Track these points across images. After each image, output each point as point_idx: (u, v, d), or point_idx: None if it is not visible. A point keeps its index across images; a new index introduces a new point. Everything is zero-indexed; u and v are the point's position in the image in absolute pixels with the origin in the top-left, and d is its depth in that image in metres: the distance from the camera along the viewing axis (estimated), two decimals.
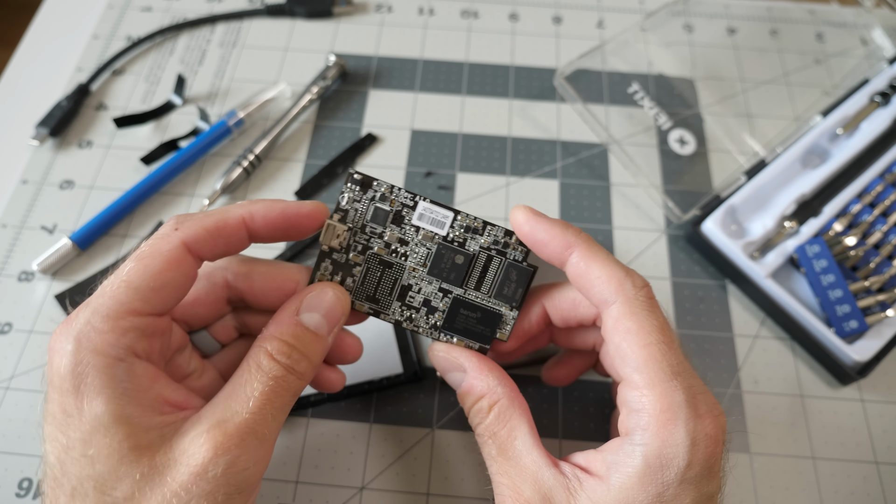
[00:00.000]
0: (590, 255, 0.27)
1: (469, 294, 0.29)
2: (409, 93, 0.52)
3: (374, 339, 0.40)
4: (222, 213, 0.27)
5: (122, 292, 0.25)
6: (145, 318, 0.25)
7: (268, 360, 0.26)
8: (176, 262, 0.26)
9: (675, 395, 0.24)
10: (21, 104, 0.51)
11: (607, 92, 0.52)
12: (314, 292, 0.28)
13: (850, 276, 0.42)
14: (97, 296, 0.25)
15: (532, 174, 0.48)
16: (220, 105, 0.51)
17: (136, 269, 0.25)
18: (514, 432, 0.27)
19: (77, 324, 0.24)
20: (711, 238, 0.44)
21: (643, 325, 0.26)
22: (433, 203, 0.29)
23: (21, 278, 0.43)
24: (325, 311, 0.28)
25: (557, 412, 0.39)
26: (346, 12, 0.56)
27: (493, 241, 0.29)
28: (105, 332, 0.24)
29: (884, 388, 0.40)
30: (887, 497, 0.37)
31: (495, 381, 0.28)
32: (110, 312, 0.24)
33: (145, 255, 0.25)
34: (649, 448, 0.24)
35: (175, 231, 0.26)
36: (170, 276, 0.25)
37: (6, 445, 0.37)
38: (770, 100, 0.52)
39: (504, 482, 0.27)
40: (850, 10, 0.57)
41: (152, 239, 0.26)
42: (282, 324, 0.27)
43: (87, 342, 0.24)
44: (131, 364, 0.24)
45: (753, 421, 0.39)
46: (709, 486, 0.25)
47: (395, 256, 0.29)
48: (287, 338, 0.27)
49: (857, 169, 0.46)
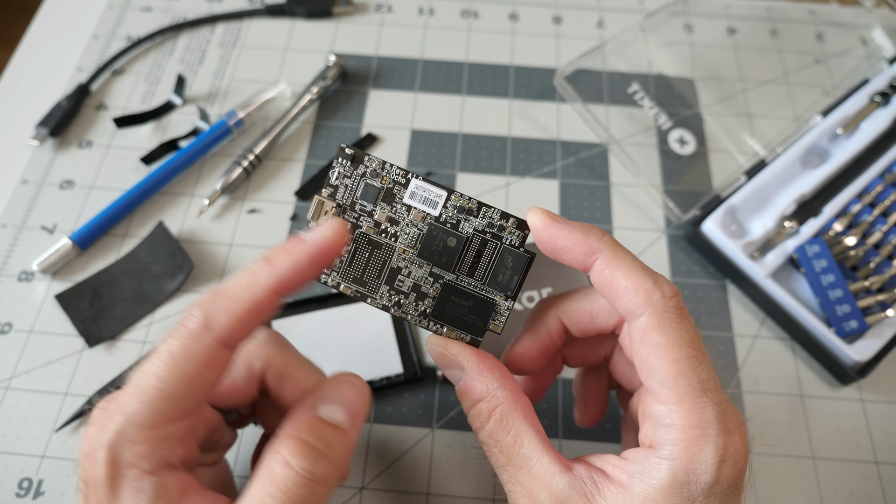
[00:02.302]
0: (615, 262, 0.26)
1: (461, 280, 0.28)
2: (409, 93, 0.52)
3: (374, 339, 0.40)
4: (249, 294, 0.24)
5: (157, 400, 0.23)
6: (182, 421, 0.24)
7: (281, 468, 0.23)
8: (212, 363, 0.24)
9: (704, 412, 0.24)
10: (21, 104, 0.51)
11: (607, 92, 0.52)
12: (331, 384, 0.27)
13: (850, 276, 0.42)
14: (130, 399, 0.23)
15: (532, 174, 0.48)
16: (220, 105, 0.51)
17: (170, 375, 0.23)
18: (520, 438, 0.26)
19: (110, 431, 0.23)
20: (711, 238, 0.44)
21: (672, 340, 0.25)
22: (426, 181, 0.27)
23: (21, 278, 0.43)
24: (345, 403, 0.26)
25: (557, 412, 0.39)
26: (346, 12, 0.56)
27: (489, 223, 0.27)
28: (139, 442, 0.23)
29: (884, 388, 0.40)
30: (887, 497, 0.37)
31: (495, 384, 0.27)
32: (146, 422, 0.23)
33: (178, 359, 0.23)
34: (677, 463, 0.24)
35: (207, 330, 0.23)
36: (208, 378, 0.24)
37: (6, 445, 0.37)
38: (770, 100, 0.52)
39: (518, 490, 0.26)
40: (850, 10, 0.57)
41: (183, 336, 0.23)
42: (297, 420, 0.25)
43: (119, 453, 0.23)
44: (163, 479, 0.23)
45: (753, 421, 0.39)
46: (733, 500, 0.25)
47: (384, 237, 0.27)
48: (304, 435, 0.24)
49: (857, 169, 0.46)
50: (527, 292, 0.40)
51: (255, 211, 0.46)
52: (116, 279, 0.43)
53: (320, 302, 0.41)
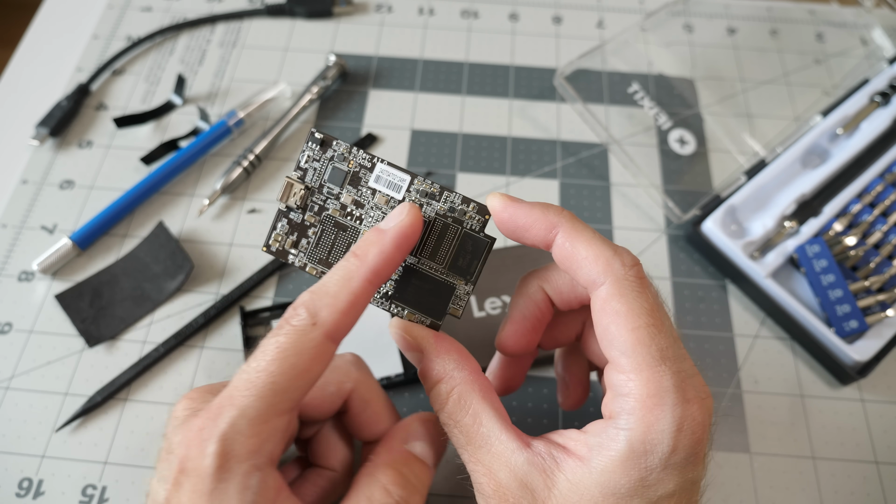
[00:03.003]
0: (574, 234, 0.26)
1: (423, 264, 0.28)
2: (409, 93, 0.52)
3: (374, 339, 0.40)
4: (349, 286, 0.25)
5: (270, 394, 0.24)
6: (287, 416, 0.25)
7: (381, 495, 0.25)
8: (320, 357, 0.25)
9: (662, 380, 0.24)
10: (21, 104, 0.51)
11: (607, 92, 0.52)
12: (418, 421, 0.28)
13: (850, 276, 0.42)
14: (241, 393, 0.24)
15: (532, 174, 0.48)
16: (220, 105, 0.51)
17: (281, 369, 0.24)
18: (479, 418, 0.26)
19: (222, 423, 0.23)
20: (711, 238, 0.44)
21: (632, 308, 0.25)
22: (391, 166, 0.28)
23: (21, 278, 0.43)
24: (429, 441, 0.28)
25: (557, 412, 0.39)
26: (346, 12, 0.56)
27: (450, 208, 0.28)
28: (251, 436, 0.23)
29: (884, 388, 0.40)
30: (887, 497, 0.37)
31: (452, 365, 0.27)
32: (258, 415, 0.24)
33: (290, 354, 0.24)
34: (634, 433, 0.24)
35: (314, 326, 0.24)
36: (316, 372, 0.25)
37: (6, 445, 0.37)
38: (770, 100, 0.52)
39: (478, 469, 0.26)
40: (850, 10, 0.57)
41: (292, 333, 0.24)
42: (394, 452, 0.27)
43: (232, 447, 0.23)
44: (266, 475, 0.24)
45: (753, 421, 0.39)
46: (693, 471, 0.24)
47: (349, 219, 0.28)
48: (401, 468, 0.26)
49: (857, 169, 0.46)
50: (490, 298, 0.40)
51: (256, 211, 0.46)
52: (116, 279, 0.43)
53: None
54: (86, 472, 0.37)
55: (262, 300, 0.42)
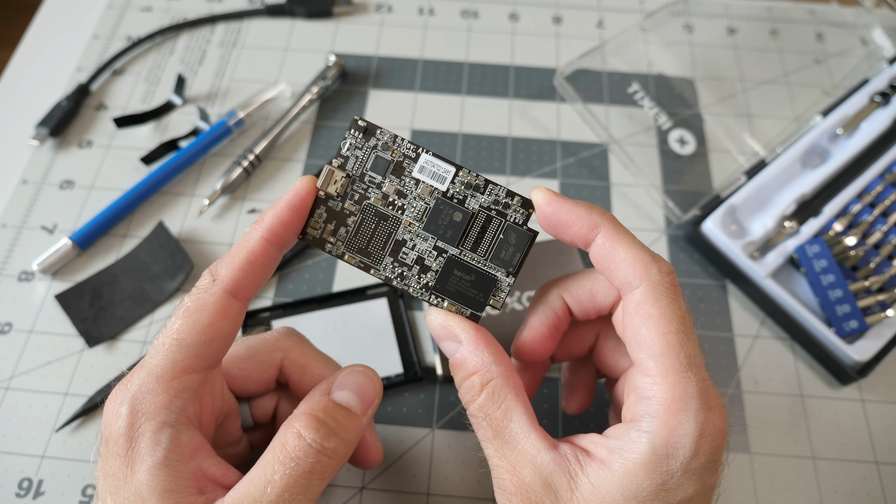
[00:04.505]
0: (616, 236, 0.27)
1: (465, 255, 0.28)
2: (409, 93, 0.52)
3: (374, 339, 0.40)
4: (246, 245, 0.27)
5: (175, 350, 0.25)
6: (198, 374, 0.26)
7: (294, 439, 0.25)
8: (223, 312, 0.26)
9: (687, 386, 0.24)
10: (21, 104, 0.51)
11: (607, 92, 0.52)
12: (345, 373, 0.28)
13: (850, 276, 0.42)
14: (150, 356, 0.25)
15: (532, 174, 0.48)
16: (220, 105, 0.51)
17: (185, 326, 0.25)
18: (510, 413, 0.26)
19: (132, 386, 0.25)
20: (711, 238, 0.44)
21: (664, 313, 0.25)
22: (436, 156, 0.28)
23: (21, 278, 0.43)
24: (357, 390, 0.28)
25: (557, 412, 0.39)
26: (346, 12, 0.56)
27: (494, 200, 0.28)
28: (159, 393, 0.24)
29: (884, 388, 0.40)
30: (887, 497, 0.37)
31: (490, 358, 0.27)
32: (164, 373, 0.25)
33: (192, 310, 0.26)
34: (657, 436, 0.24)
35: (214, 282, 0.26)
36: (219, 326, 0.26)
37: (6, 445, 0.37)
38: (770, 100, 0.52)
39: (502, 465, 0.26)
40: (850, 10, 0.57)
41: (194, 293, 0.26)
42: (312, 401, 0.27)
43: (140, 405, 0.24)
44: (178, 431, 0.24)
45: (753, 421, 0.39)
46: (711, 477, 0.25)
47: (391, 209, 0.28)
48: (317, 413, 0.26)
49: (857, 169, 0.46)
50: (526, 293, 0.40)
51: (255, 211, 0.46)
52: (116, 279, 0.43)
53: (320, 302, 0.41)
54: (86, 472, 0.37)
55: (262, 300, 0.42)
